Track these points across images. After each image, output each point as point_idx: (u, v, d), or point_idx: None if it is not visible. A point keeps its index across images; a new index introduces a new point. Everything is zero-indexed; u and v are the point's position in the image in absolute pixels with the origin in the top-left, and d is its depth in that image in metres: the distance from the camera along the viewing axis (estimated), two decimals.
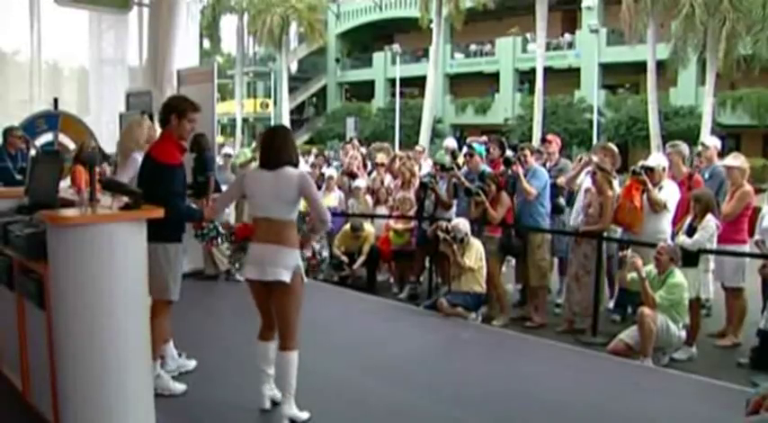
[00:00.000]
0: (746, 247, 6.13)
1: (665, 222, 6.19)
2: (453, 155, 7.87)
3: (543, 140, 7.99)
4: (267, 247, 3.68)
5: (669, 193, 6.18)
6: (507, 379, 4.82)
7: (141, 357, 3.40)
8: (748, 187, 6.14)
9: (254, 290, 3.83)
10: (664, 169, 6.30)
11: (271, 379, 3.94)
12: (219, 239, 4.78)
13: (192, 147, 5.60)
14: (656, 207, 6.11)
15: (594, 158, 6.56)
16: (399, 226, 8.03)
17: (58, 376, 3.32)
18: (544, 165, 7.25)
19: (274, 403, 3.93)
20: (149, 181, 3.89)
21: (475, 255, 6.46)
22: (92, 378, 3.22)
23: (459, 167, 7.42)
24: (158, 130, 4.41)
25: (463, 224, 6.55)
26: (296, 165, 3.80)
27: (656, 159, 6.50)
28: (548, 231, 6.93)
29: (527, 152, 6.92)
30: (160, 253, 3.95)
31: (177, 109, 4.05)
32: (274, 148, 3.76)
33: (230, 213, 7.46)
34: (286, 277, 3.64)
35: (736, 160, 6.26)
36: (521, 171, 6.69)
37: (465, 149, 7.69)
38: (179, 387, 4.23)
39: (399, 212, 8.05)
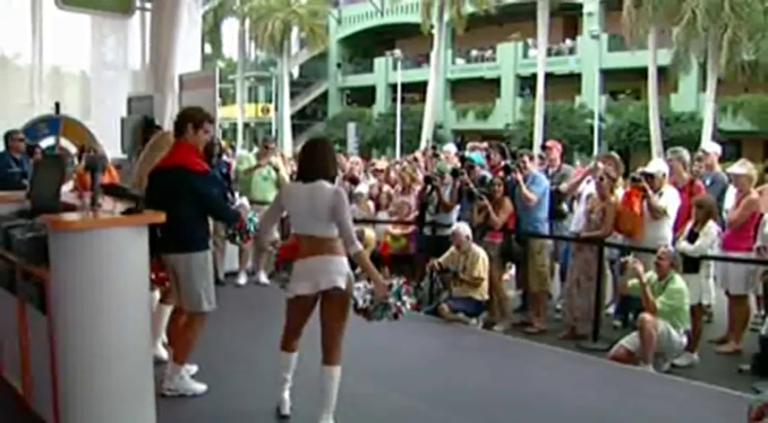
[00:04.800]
0: (752, 255, 6.09)
1: (666, 228, 6.18)
2: (462, 159, 7.85)
3: (543, 147, 7.98)
4: (316, 259, 3.56)
5: (669, 200, 6.16)
6: (508, 384, 4.80)
7: (143, 362, 3.41)
8: (755, 195, 6.12)
9: (299, 305, 3.68)
10: (664, 175, 6.28)
11: (289, 384, 3.87)
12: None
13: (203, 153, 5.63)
14: (656, 213, 6.11)
15: (601, 165, 6.56)
16: (397, 231, 8.01)
17: (59, 381, 3.31)
18: (546, 171, 7.25)
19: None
20: (184, 190, 3.92)
21: (481, 265, 6.43)
22: (93, 383, 3.23)
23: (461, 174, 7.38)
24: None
25: (463, 228, 6.54)
26: (332, 179, 3.67)
27: (656, 166, 6.49)
28: (549, 237, 6.93)
29: (526, 159, 6.92)
30: (192, 264, 3.94)
31: (194, 119, 4.07)
32: (311, 160, 3.67)
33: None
34: (342, 283, 3.53)
35: (742, 168, 6.24)
36: (520, 177, 6.69)
37: (463, 160, 7.66)
38: (200, 387, 4.24)
39: (398, 217, 8.04)
